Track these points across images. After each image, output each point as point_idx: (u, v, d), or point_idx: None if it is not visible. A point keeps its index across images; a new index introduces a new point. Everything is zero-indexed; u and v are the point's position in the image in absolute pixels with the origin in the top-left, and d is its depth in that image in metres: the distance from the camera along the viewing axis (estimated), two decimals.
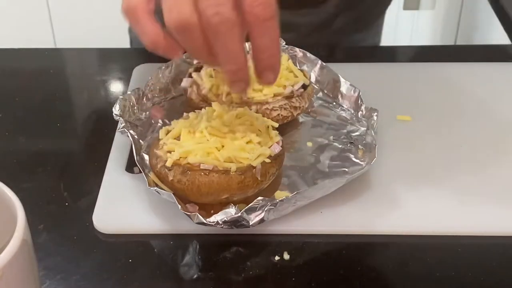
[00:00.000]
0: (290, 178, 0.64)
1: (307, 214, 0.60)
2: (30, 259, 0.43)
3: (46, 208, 0.62)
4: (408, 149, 0.68)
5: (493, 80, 0.80)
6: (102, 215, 0.60)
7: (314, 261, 0.57)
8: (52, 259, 0.57)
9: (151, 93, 0.74)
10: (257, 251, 0.57)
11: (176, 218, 0.59)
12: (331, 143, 0.68)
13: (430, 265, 0.56)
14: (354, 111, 0.72)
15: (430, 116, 0.73)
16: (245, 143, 0.59)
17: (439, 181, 0.64)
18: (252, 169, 0.58)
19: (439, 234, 0.59)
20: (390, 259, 0.57)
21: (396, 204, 0.61)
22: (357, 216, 0.60)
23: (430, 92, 0.78)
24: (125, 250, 0.57)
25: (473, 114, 0.74)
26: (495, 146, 0.69)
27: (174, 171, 0.58)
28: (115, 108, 0.68)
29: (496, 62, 0.84)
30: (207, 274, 0.55)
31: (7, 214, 0.43)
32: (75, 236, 0.59)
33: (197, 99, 0.69)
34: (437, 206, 0.61)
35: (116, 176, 0.65)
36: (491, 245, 0.58)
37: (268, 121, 0.63)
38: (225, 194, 0.58)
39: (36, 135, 0.73)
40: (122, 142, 0.69)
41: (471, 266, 0.56)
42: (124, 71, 0.83)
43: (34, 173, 0.66)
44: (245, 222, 0.57)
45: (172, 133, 0.61)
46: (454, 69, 0.82)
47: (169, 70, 0.75)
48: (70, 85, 0.84)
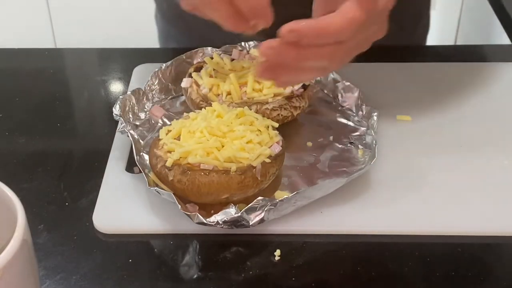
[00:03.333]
0: (290, 178, 0.64)
1: (307, 214, 0.60)
2: (30, 259, 0.43)
3: (46, 208, 0.62)
4: (408, 149, 0.68)
5: (493, 80, 0.80)
6: (102, 215, 0.60)
7: (314, 261, 0.57)
8: (52, 259, 0.57)
9: (151, 93, 0.74)
10: (257, 251, 0.57)
11: (176, 218, 0.59)
12: (331, 143, 0.68)
13: (430, 265, 0.56)
14: (354, 111, 0.72)
15: (430, 116, 0.73)
16: (245, 143, 0.59)
17: (439, 181, 0.64)
18: (252, 169, 0.58)
19: (439, 234, 0.59)
20: (390, 259, 0.57)
21: (396, 204, 0.61)
22: (357, 216, 0.60)
23: (430, 92, 0.78)
24: (125, 250, 0.57)
25: (473, 114, 0.74)
26: (495, 146, 0.69)
27: (174, 171, 0.58)
28: (115, 108, 0.68)
29: (496, 62, 0.84)
30: (207, 274, 0.55)
31: (7, 214, 0.43)
32: (75, 236, 0.59)
33: (197, 99, 0.69)
34: (437, 206, 0.61)
35: (116, 176, 0.65)
36: (491, 245, 0.58)
37: (268, 121, 0.63)
38: (225, 194, 0.58)
39: (36, 135, 0.73)
40: (122, 142, 0.69)
41: (471, 266, 0.56)
42: (124, 71, 0.83)
43: (34, 173, 0.66)
44: (245, 222, 0.57)
45: (172, 133, 0.61)
46: (454, 69, 0.82)
47: (169, 70, 0.75)
48: (70, 85, 0.84)
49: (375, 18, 0.53)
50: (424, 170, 0.66)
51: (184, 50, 0.78)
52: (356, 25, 0.51)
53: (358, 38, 0.53)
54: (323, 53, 0.53)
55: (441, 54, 0.91)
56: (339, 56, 0.54)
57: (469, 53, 0.90)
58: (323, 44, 0.52)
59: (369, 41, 0.55)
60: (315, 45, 0.52)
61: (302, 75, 0.57)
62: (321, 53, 0.53)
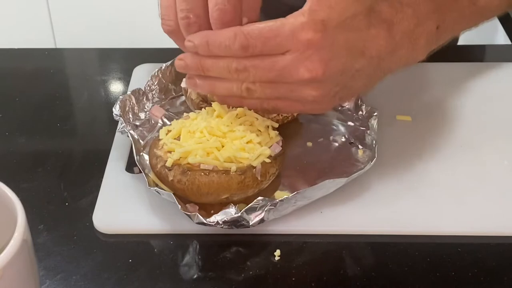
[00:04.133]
0: (290, 178, 0.64)
1: (307, 214, 0.60)
2: (30, 259, 0.43)
3: (46, 208, 0.62)
4: (408, 149, 0.68)
5: (493, 80, 0.80)
6: (102, 215, 0.60)
7: (314, 261, 0.57)
8: (52, 259, 0.57)
9: (151, 93, 0.74)
10: (257, 251, 0.57)
11: (176, 218, 0.59)
12: (331, 143, 0.68)
13: (430, 265, 0.56)
14: (354, 111, 0.72)
15: (430, 116, 0.73)
16: (245, 143, 0.59)
17: (439, 181, 0.64)
18: (252, 169, 0.58)
19: (439, 234, 0.59)
20: (390, 259, 0.57)
21: (396, 204, 0.61)
22: (357, 216, 0.60)
23: (430, 92, 0.78)
24: (125, 250, 0.57)
25: (473, 114, 0.74)
26: (495, 146, 0.69)
27: (174, 171, 0.58)
28: (115, 108, 0.68)
29: (496, 62, 0.84)
30: (207, 274, 0.55)
31: (7, 214, 0.43)
32: (75, 236, 0.59)
33: (197, 99, 0.69)
34: (437, 206, 0.61)
35: (116, 176, 0.65)
36: (491, 245, 0.58)
37: (268, 121, 0.63)
38: (225, 194, 0.58)
39: (36, 135, 0.73)
40: (122, 142, 0.69)
41: (471, 266, 0.56)
42: (124, 71, 0.83)
43: (34, 173, 0.66)
44: (245, 222, 0.57)
45: (172, 133, 0.61)
46: (454, 69, 0.82)
47: (169, 70, 0.75)
48: (70, 85, 0.84)
49: (282, 44, 0.53)
50: (424, 170, 0.66)
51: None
52: (244, 40, 0.53)
53: (264, 59, 0.54)
54: (222, 63, 0.56)
55: (441, 54, 0.90)
56: (240, 69, 0.55)
57: (469, 53, 0.90)
58: (223, 55, 0.55)
59: (290, 76, 0.55)
60: (213, 55, 0.56)
61: (218, 86, 0.59)
62: (220, 63, 0.56)
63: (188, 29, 0.58)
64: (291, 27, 0.52)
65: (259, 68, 0.55)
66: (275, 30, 0.53)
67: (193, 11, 0.57)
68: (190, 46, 0.57)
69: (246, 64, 0.55)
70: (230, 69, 0.56)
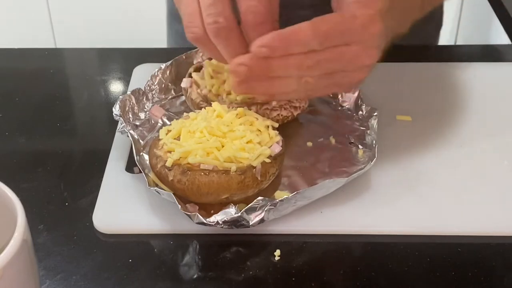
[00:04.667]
0: (290, 178, 0.64)
1: (307, 214, 0.60)
2: (30, 259, 0.43)
3: (46, 208, 0.62)
4: (408, 149, 0.68)
5: (493, 80, 0.80)
6: (102, 215, 0.60)
7: (314, 261, 0.57)
8: (52, 259, 0.57)
9: (151, 93, 0.74)
10: (257, 251, 0.57)
11: (176, 218, 0.59)
12: (331, 143, 0.68)
13: (430, 265, 0.56)
14: (354, 111, 0.72)
15: (430, 116, 0.73)
16: (245, 143, 0.59)
17: (439, 181, 0.64)
18: (252, 169, 0.58)
19: (439, 234, 0.59)
20: (390, 259, 0.57)
21: (396, 204, 0.61)
22: (357, 216, 0.60)
23: (430, 92, 0.78)
24: (125, 250, 0.57)
25: (473, 114, 0.74)
26: (495, 146, 0.69)
27: (174, 171, 0.58)
28: (115, 108, 0.68)
29: (496, 62, 0.84)
30: (207, 274, 0.55)
31: (7, 214, 0.43)
32: (75, 236, 0.59)
33: (197, 99, 0.69)
34: (437, 206, 0.61)
35: (116, 176, 0.65)
36: (491, 245, 0.58)
37: (268, 121, 0.63)
38: (225, 194, 0.58)
39: (36, 135, 0.73)
40: (122, 142, 0.69)
41: (471, 266, 0.56)
42: (124, 71, 0.83)
43: (34, 173, 0.66)
44: (245, 222, 0.57)
45: (172, 133, 0.61)
46: (454, 69, 0.82)
47: (169, 70, 0.75)
48: (70, 85, 0.84)
49: (352, 36, 0.54)
50: (424, 170, 0.66)
51: (184, 50, 0.78)
52: (323, 35, 0.53)
53: (333, 52, 0.54)
54: (293, 62, 0.54)
55: (441, 54, 0.91)
56: (311, 65, 0.54)
57: (469, 53, 0.90)
58: (294, 53, 0.54)
59: (353, 64, 0.56)
60: (285, 54, 0.54)
61: (277, 85, 0.57)
62: (291, 62, 0.54)
63: (218, 33, 0.56)
64: (362, 21, 0.53)
65: (330, 62, 0.55)
66: (347, 23, 0.53)
67: (222, 14, 0.55)
68: (263, 51, 0.53)
69: (319, 58, 0.54)
70: (302, 66, 0.54)
